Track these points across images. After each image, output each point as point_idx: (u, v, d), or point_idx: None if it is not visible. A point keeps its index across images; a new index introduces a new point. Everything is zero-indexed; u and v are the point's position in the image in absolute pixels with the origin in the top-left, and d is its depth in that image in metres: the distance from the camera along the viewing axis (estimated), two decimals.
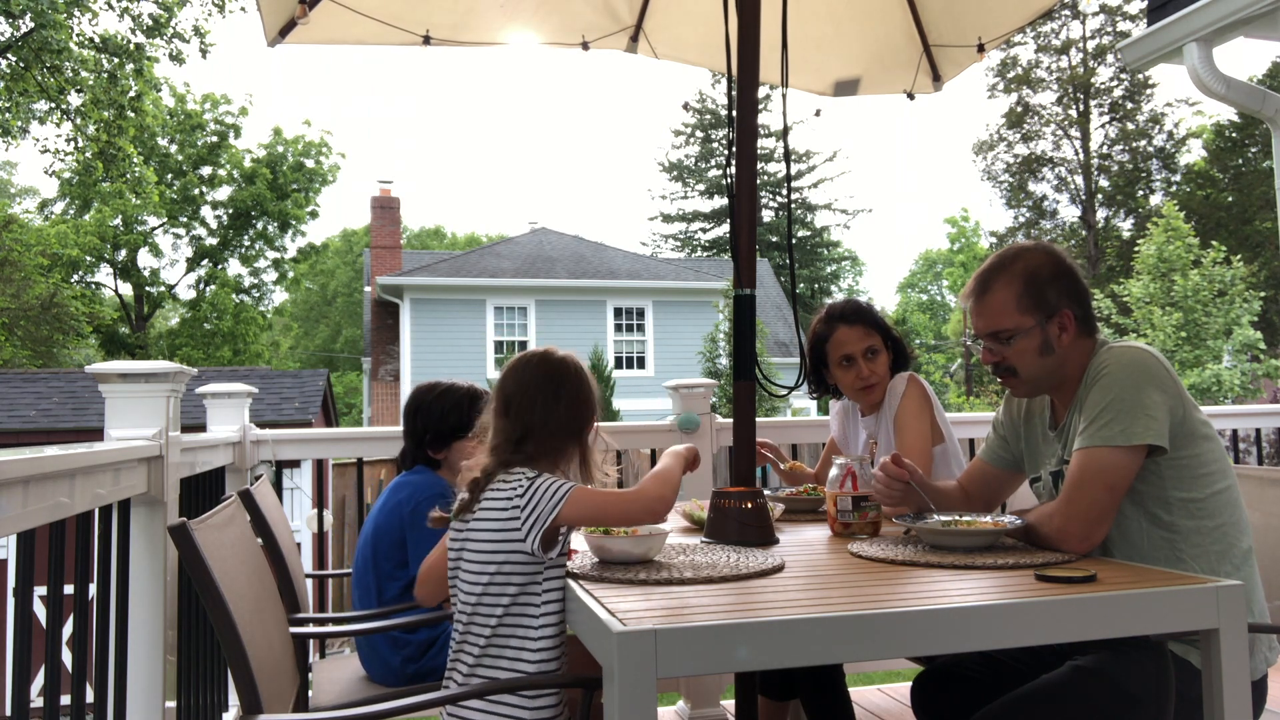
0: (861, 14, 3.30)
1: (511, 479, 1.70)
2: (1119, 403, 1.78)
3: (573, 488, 1.68)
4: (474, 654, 1.69)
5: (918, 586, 1.57)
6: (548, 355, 1.85)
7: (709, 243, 39.24)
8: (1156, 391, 1.78)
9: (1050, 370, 1.94)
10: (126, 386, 2.47)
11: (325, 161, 31.01)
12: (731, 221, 2.24)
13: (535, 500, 1.66)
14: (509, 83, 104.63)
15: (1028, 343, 1.92)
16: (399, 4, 2.96)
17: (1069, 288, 1.93)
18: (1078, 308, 1.92)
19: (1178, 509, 1.81)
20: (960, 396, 31.44)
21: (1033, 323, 1.91)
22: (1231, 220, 25.76)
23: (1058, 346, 1.91)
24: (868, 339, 2.63)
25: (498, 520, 1.68)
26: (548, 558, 1.68)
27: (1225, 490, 1.83)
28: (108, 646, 2.18)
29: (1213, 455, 1.83)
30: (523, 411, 1.77)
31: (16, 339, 22.15)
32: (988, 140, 31.01)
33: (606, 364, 18.46)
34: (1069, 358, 1.93)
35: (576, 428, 1.81)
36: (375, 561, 2.50)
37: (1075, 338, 1.92)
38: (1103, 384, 1.82)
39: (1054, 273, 1.93)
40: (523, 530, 1.65)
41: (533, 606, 1.68)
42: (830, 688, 2.37)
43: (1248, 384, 16.74)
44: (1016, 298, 1.92)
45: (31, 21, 15.43)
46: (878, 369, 2.64)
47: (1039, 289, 1.92)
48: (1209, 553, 1.79)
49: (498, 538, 1.68)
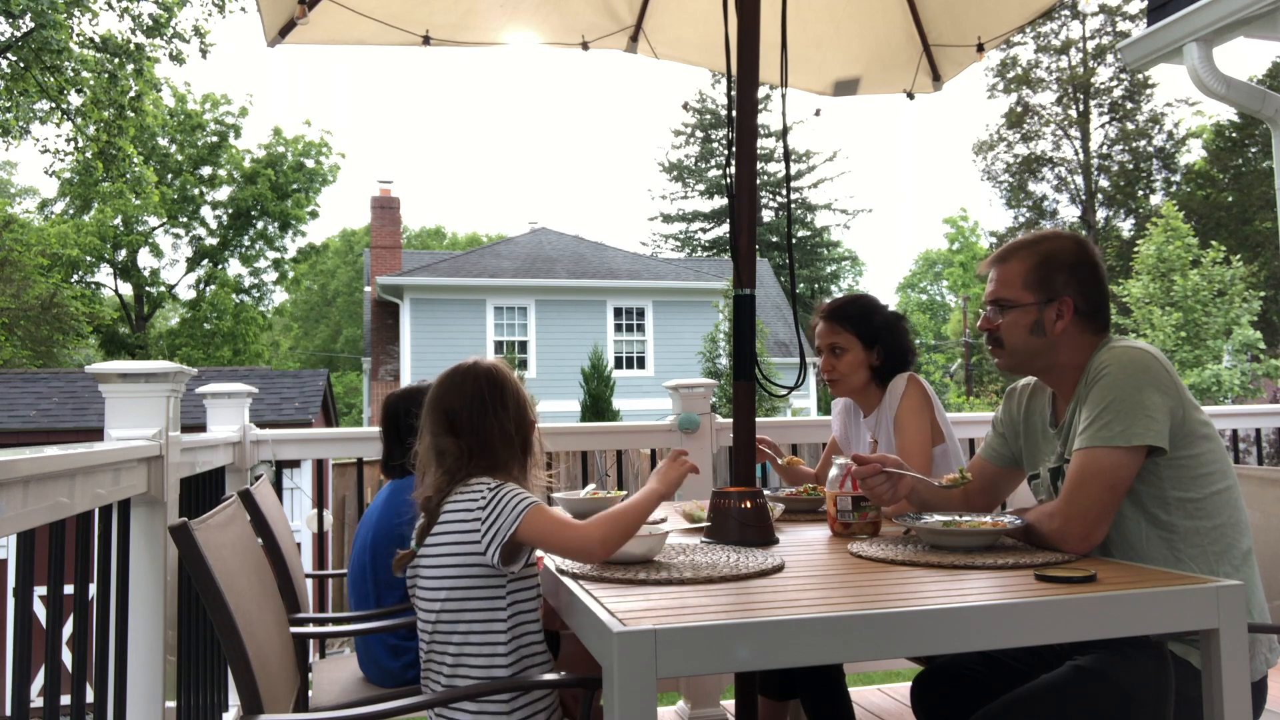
0: (861, 14, 3.30)
1: (471, 489, 1.69)
2: (1119, 403, 1.78)
3: (532, 504, 1.66)
4: (448, 663, 1.69)
5: (918, 586, 1.57)
6: (480, 366, 1.84)
7: (709, 243, 39.25)
8: (1156, 393, 1.78)
9: (1036, 352, 1.95)
10: (126, 386, 2.47)
11: (325, 161, 31.03)
12: (731, 221, 2.24)
13: (497, 512, 1.65)
14: (509, 83, 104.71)
15: (1021, 318, 1.95)
16: (399, 4, 2.96)
17: (1081, 278, 1.94)
18: (1083, 301, 1.93)
19: (1176, 509, 1.80)
20: (960, 396, 31.43)
21: (1031, 300, 1.94)
22: (1231, 220, 25.77)
23: (1049, 331, 1.93)
24: (833, 336, 2.70)
25: (458, 531, 1.67)
26: (509, 571, 1.67)
27: (1225, 490, 1.83)
28: (108, 646, 2.18)
29: (1213, 456, 1.83)
30: (473, 425, 1.76)
31: (16, 339, 22.14)
32: (988, 140, 31.02)
33: (606, 364, 18.44)
34: (1061, 346, 1.93)
35: (524, 434, 1.81)
36: (374, 569, 2.49)
37: (1073, 328, 1.92)
38: (1103, 384, 1.82)
39: (1072, 261, 1.95)
40: (483, 542, 1.64)
41: (498, 620, 1.67)
42: (830, 688, 2.38)
43: (1247, 384, 16.74)
44: (1026, 272, 1.95)
45: (31, 21, 15.43)
46: (840, 366, 2.69)
47: (1050, 271, 1.94)
48: (1208, 553, 1.79)
49: (456, 550, 1.67)
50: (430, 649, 1.71)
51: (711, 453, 3.52)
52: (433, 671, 1.72)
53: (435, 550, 1.69)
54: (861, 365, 2.68)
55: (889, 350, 2.68)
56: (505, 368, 1.86)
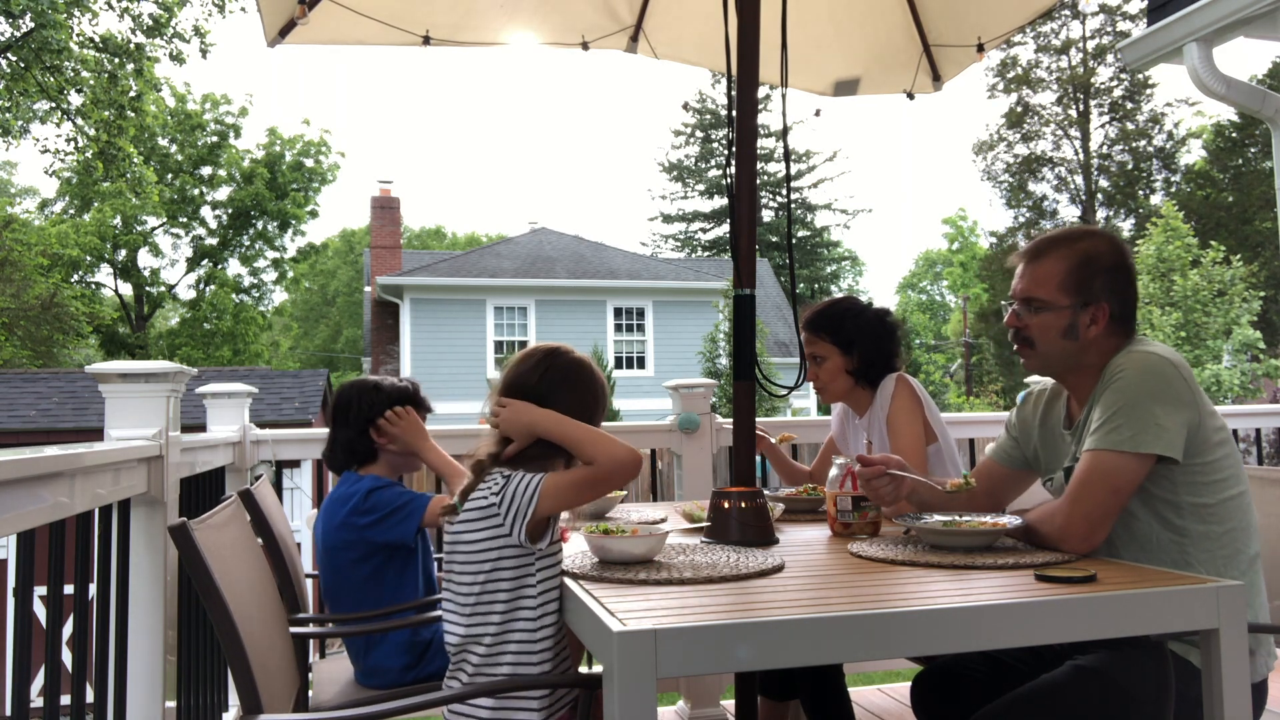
0: (861, 14, 3.30)
1: (485, 483, 1.71)
2: (1130, 409, 1.76)
3: (543, 479, 1.68)
4: (475, 662, 1.69)
5: (918, 586, 1.57)
6: (571, 353, 1.89)
7: (709, 243, 39.24)
8: (1171, 404, 1.76)
9: (1067, 355, 1.92)
10: (126, 386, 2.47)
11: (325, 161, 31.03)
12: (731, 221, 2.24)
13: (511, 499, 1.67)
14: (509, 83, 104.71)
15: (1054, 320, 1.90)
16: (398, 4, 2.96)
17: (1118, 283, 1.90)
18: (1118, 305, 1.89)
19: (1188, 513, 1.80)
20: (960, 396, 31.43)
21: (1068, 303, 1.89)
22: (1231, 220, 25.75)
23: (1082, 335, 1.89)
24: (811, 346, 2.70)
25: (481, 522, 1.69)
26: (537, 548, 1.68)
27: (1237, 496, 1.82)
28: (108, 646, 2.18)
29: (1228, 461, 1.82)
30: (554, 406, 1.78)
31: (16, 339, 22.15)
32: (988, 140, 30.99)
33: (606, 364, 18.47)
34: (1090, 349, 1.90)
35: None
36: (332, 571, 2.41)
37: (1104, 333, 1.89)
38: (1117, 387, 1.80)
39: (1111, 264, 1.90)
40: (506, 525, 1.67)
41: (528, 607, 1.68)
42: (830, 688, 2.38)
43: (1247, 384, 16.74)
44: (1064, 273, 1.90)
45: (31, 21, 15.42)
46: (822, 374, 2.69)
47: (1089, 275, 1.89)
48: (1217, 557, 1.79)
49: (485, 535, 1.69)
50: (464, 644, 1.70)
51: (711, 453, 3.52)
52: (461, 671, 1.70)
53: (465, 542, 1.71)
54: (841, 371, 2.67)
55: (866, 354, 2.65)
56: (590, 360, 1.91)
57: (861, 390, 2.69)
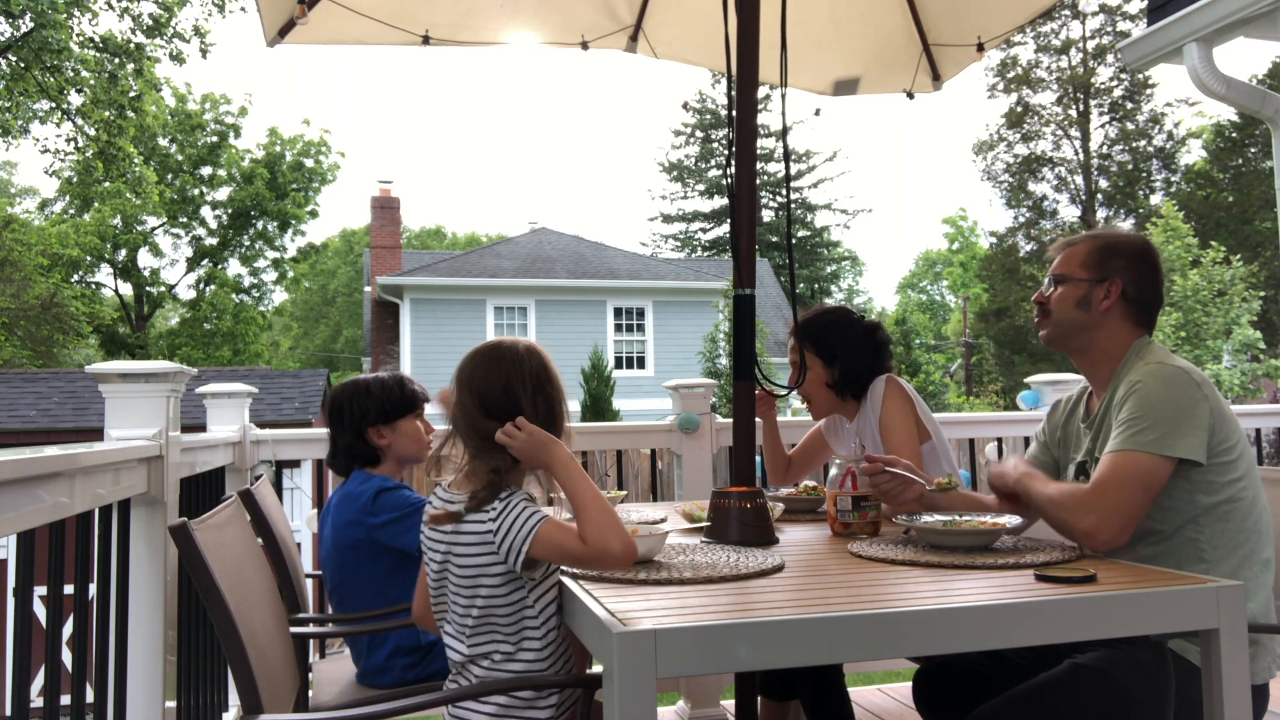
0: (861, 14, 3.30)
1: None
2: (1158, 411, 1.80)
3: (541, 521, 1.60)
4: (479, 674, 1.68)
5: (918, 586, 1.57)
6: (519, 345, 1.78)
7: (709, 243, 39.23)
8: (1191, 409, 1.80)
9: (1078, 326, 2.01)
10: (126, 386, 2.47)
11: (324, 161, 31.04)
12: (731, 221, 2.24)
13: (507, 531, 1.61)
14: (509, 83, 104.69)
15: (1071, 291, 2.02)
16: (398, 4, 2.96)
17: (1135, 268, 2.00)
18: (1132, 287, 1.99)
19: (1206, 515, 1.82)
20: (960, 396, 31.41)
21: (1084, 276, 2.01)
22: (1231, 220, 25.75)
23: (1095, 308, 1.99)
24: (794, 352, 2.67)
25: (477, 546, 1.64)
26: (531, 578, 1.65)
27: (1253, 500, 1.85)
28: (108, 646, 2.18)
29: (1243, 462, 1.85)
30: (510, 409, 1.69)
31: (16, 339, 22.14)
32: (988, 140, 30.97)
33: (606, 364, 18.45)
34: (1102, 327, 1.99)
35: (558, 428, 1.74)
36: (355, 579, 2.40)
37: (1117, 310, 1.98)
38: (1141, 393, 1.84)
39: (1131, 252, 2.02)
40: (501, 554, 1.62)
41: (531, 625, 1.67)
42: (830, 688, 2.38)
43: (1247, 384, 16.75)
44: (1087, 253, 2.04)
45: (31, 21, 15.42)
46: (806, 385, 2.66)
47: (1108, 256, 2.01)
48: (1231, 558, 1.81)
49: (480, 558, 1.64)
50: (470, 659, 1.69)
51: (711, 453, 3.52)
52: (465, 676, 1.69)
53: (459, 562, 1.66)
54: (820, 384, 2.66)
55: (846, 369, 2.63)
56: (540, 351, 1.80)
57: (848, 401, 2.68)
